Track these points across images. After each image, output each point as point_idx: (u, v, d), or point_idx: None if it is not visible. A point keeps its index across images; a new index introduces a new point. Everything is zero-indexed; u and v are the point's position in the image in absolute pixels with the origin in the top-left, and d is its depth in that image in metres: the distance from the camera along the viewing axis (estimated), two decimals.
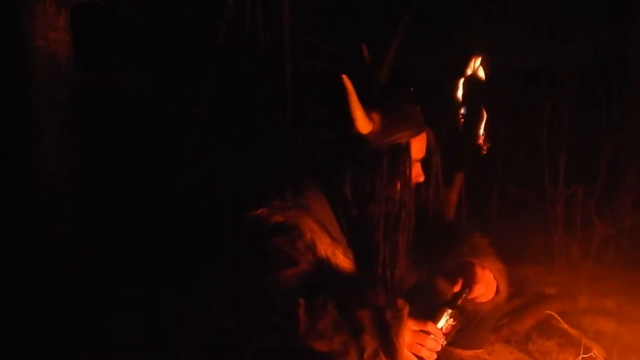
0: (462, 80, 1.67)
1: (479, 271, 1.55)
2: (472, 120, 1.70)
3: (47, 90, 2.50)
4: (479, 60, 1.64)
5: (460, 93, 1.67)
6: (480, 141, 1.70)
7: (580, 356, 2.19)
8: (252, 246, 1.50)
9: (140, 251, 2.88)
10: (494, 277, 1.58)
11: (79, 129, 2.64)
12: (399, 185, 1.55)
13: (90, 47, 2.80)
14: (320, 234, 1.50)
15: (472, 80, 1.66)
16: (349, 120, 1.48)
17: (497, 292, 1.59)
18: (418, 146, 1.58)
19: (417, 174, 1.61)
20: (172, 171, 3.22)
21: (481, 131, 1.70)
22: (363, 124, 1.49)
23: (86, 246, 2.69)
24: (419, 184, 1.64)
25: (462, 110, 1.68)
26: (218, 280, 1.67)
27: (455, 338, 1.75)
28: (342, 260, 1.52)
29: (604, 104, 3.03)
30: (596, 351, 2.22)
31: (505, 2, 3.53)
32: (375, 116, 1.52)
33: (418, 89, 1.65)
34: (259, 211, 1.49)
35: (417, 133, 1.57)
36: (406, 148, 1.54)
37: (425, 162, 1.64)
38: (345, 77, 1.47)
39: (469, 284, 1.53)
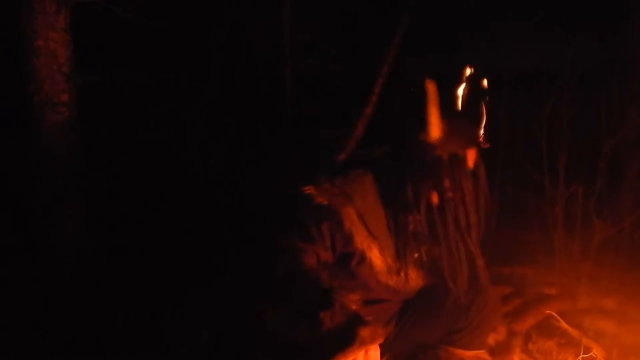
0: (461, 82, 1.68)
1: None
2: (472, 121, 1.70)
3: (47, 90, 2.50)
4: (478, 63, 1.66)
5: (460, 93, 1.68)
6: (480, 141, 1.71)
7: (580, 356, 2.18)
8: (287, 215, 1.56)
9: (141, 250, 2.89)
10: None
11: (79, 129, 2.64)
12: (450, 193, 1.58)
13: (90, 47, 2.80)
14: (358, 225, 1.53)
15: (472, 80, 1.67)
16: (424, 126, 1.54)
17: None
18: (471, 157, 1.62)
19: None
20: (173, 169, 3.23)
21: (481, 131, 1.71)
22: (435, 130, 1.55)
23: (87, 246, 2.69)
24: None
25: (462, 111, 1.68)
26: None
27: (456, 338, 1.76)
28: (376, 256, 1.56)
29: (604, 104, 3.03)
30: (596, 351, 2.21)
31: (506, 2, 3.53)
32: (443, 125, 1.56)
33: (418, 90, 1.66)
34: (307, 188, 1.53)
35: (473, 145, 1.61)
36: (463, 158, 1.59)
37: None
38: (431, 83, 1.54)
39: None
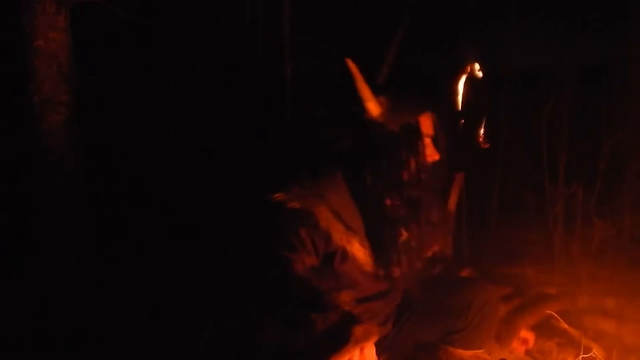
0: (462, 82, 1.69)
1: None
2: (472, 121, 1.71)
3: (47, 90, 2.50)
4: (478, 64, 1.67)
5: (460, 94, 1.69)
6: (480, 141, 1.72)
7: (580, 356, 2.18)
8: (264, 226, 1.57)
9: (141, 250, 2.89)
10: None
11: (79, 129, 2.64)
12: (414, 165, 1.59)
13: (90, 47, 2.80)
14: (335, 222, 1.54)
15: (472, 81, 1.68)
16: (359, 101, 1.57)
17: None
18: (427, 123, 1.64)
19: (431, 152, 1.65)
20: (173, 169, 3.23)
21: (481, 131, 1.72)
22: (372, 104, 1.58)
23: (87, 245, 2.69)
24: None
25: (462, 111, 1.69)
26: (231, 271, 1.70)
27: (455, 338, 1.76)
28: (358, 249, 1.56)
29: (604, 104, 3.03)
30: (596, 351, 2.21)
31: (506, 2, 3.53)
32: (382, 99, 1.60)
33: (418, 90, 1.68)
34: (277, 195, 1.53)
35: (423, 110, 1.63)
36: (416, 126, 1.60)
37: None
38: (349, 61, 1.58)
39: None
